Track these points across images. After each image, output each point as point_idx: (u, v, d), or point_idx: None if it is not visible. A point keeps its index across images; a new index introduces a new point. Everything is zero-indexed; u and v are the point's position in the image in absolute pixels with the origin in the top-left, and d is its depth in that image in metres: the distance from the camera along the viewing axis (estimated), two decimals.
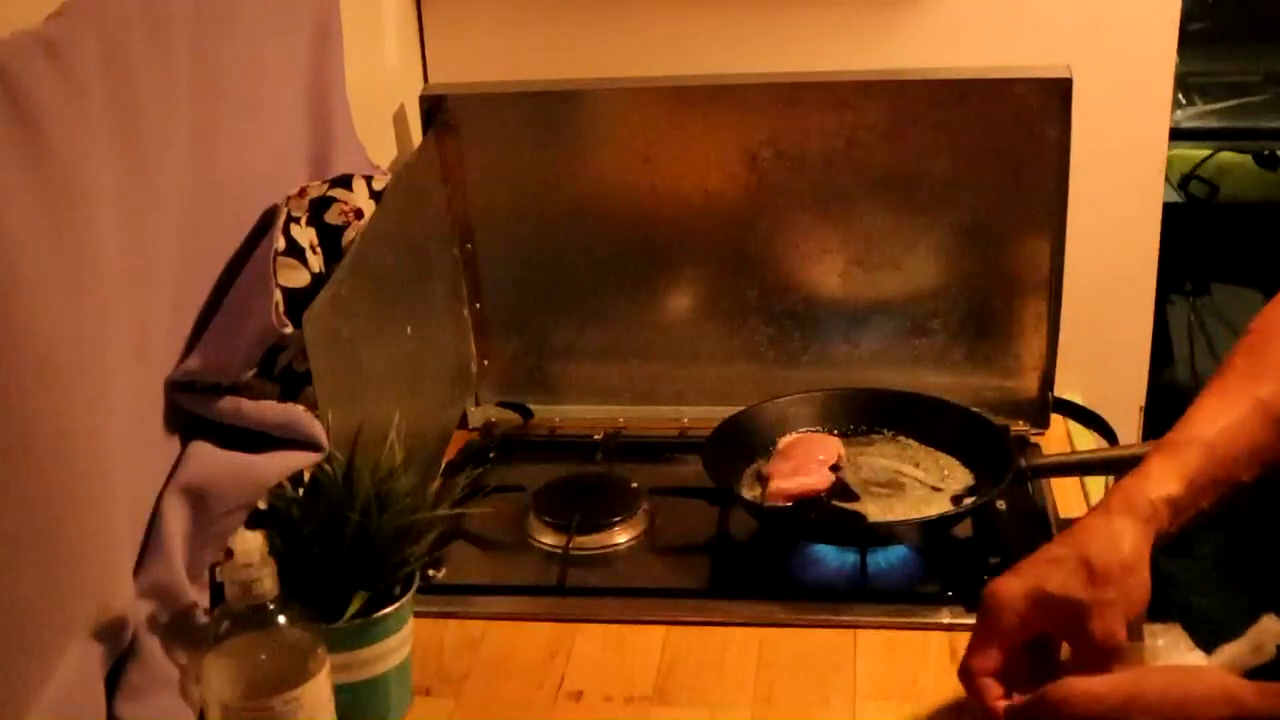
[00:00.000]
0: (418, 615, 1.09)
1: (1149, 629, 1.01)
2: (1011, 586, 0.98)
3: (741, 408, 1.41)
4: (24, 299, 0.80)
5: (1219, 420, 1.02)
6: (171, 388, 1.02)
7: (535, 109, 1.47)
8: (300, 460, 1.05)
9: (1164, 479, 1.00)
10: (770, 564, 1.28)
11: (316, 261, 1.14)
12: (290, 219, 1.14)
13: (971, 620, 1.15)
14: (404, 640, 1.07)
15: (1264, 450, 1.02)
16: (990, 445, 1.32)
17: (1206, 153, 2.33)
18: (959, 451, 1.35)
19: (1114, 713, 0.89)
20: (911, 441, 1.38)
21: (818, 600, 1.21)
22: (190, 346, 1.04)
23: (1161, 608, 1.04)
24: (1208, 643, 0.99)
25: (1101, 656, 0.95)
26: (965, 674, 0.99)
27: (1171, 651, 0.99)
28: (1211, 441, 1.01)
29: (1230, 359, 1.07)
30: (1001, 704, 0.96)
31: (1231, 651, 0.97)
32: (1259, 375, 1.04)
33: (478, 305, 1.55)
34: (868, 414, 1.41)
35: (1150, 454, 1.02)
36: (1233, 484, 1.02)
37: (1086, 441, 1.45)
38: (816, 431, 1.40)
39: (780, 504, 1.29)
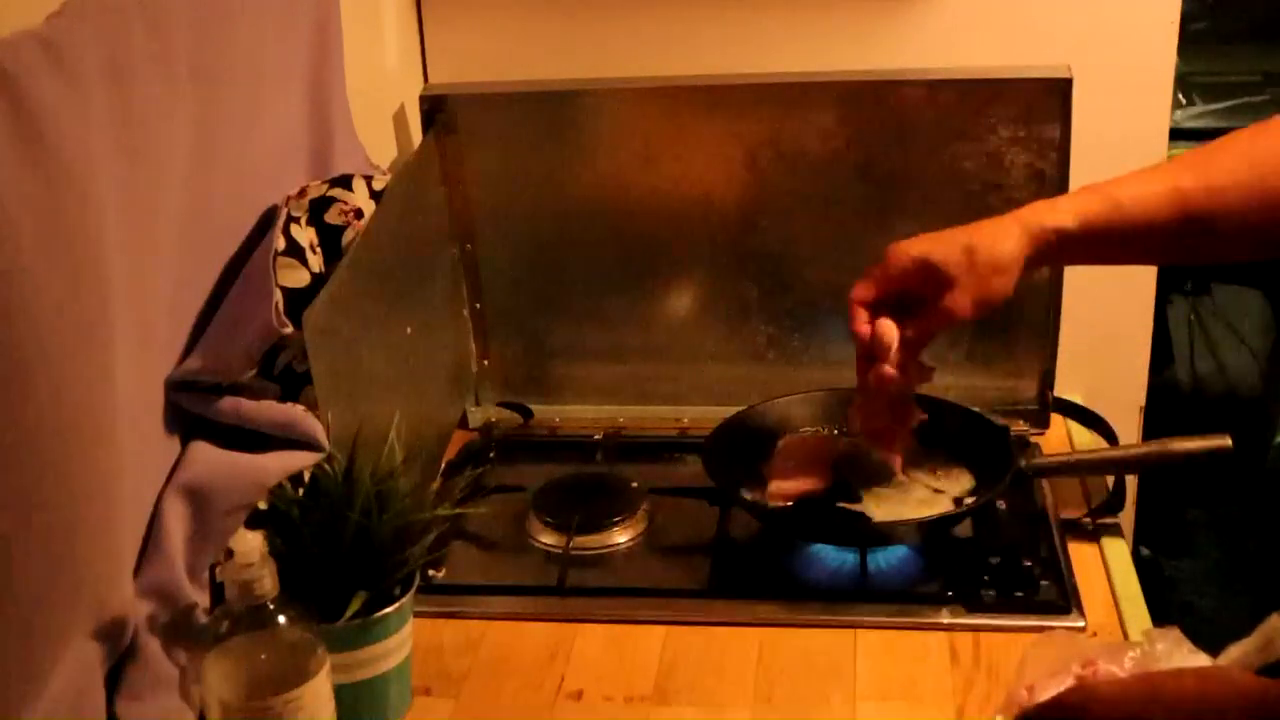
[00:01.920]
0: (418, 615, 1.09)
1: (1148, 633, 1.01)
2: (907, 247, 1.16)
3: (741, 408, 1.41)
4: (24, 298, 0.80)
5: (1139, 188, 1.13)
6: (171, 388, 1.02)
7: (535, 109, 1.47)
8: (300, 460, 1.05)
9: (1065, 213, 1.13)
10: (770, 564, 1.28)
11: (316, 261, 1.14)
12: (290, 219, 1.14)
13: (972, 620, 1.17)
14: (404, 640, 1.07)
15: (1161, 231, 1.12)
16: (990, 445, 1.32)
17: None
18: (959, 452, 1.35)
19: (1134, 714, 0.89)
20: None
21: (818, 600, 1.22)
22: (190, 346, 1.04)
23: (1162, 608, 1.04)
24: (1209, 643, 1.00)
25: (936, 322, 1.15)
26: (850, 299, 1.17)
27: (1173, 654, 0.99)
28: (1121, 201, 1.12)
29: (1192, 150, 1.17)
30: (866, 328, 1.16)
31: (1239, 651, 0.97)
32: (1193, 167, 1.13)
33: (478, 305, 1.55)
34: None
35: (1071, 192, 1.15)
36: (1125, 248, 1.15)
37: (1086, 441, 1.45)
38: (816, 431, 1.40)
39: (780, 504, 1.29)
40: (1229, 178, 1.12)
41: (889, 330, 1.16)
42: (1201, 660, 0.98)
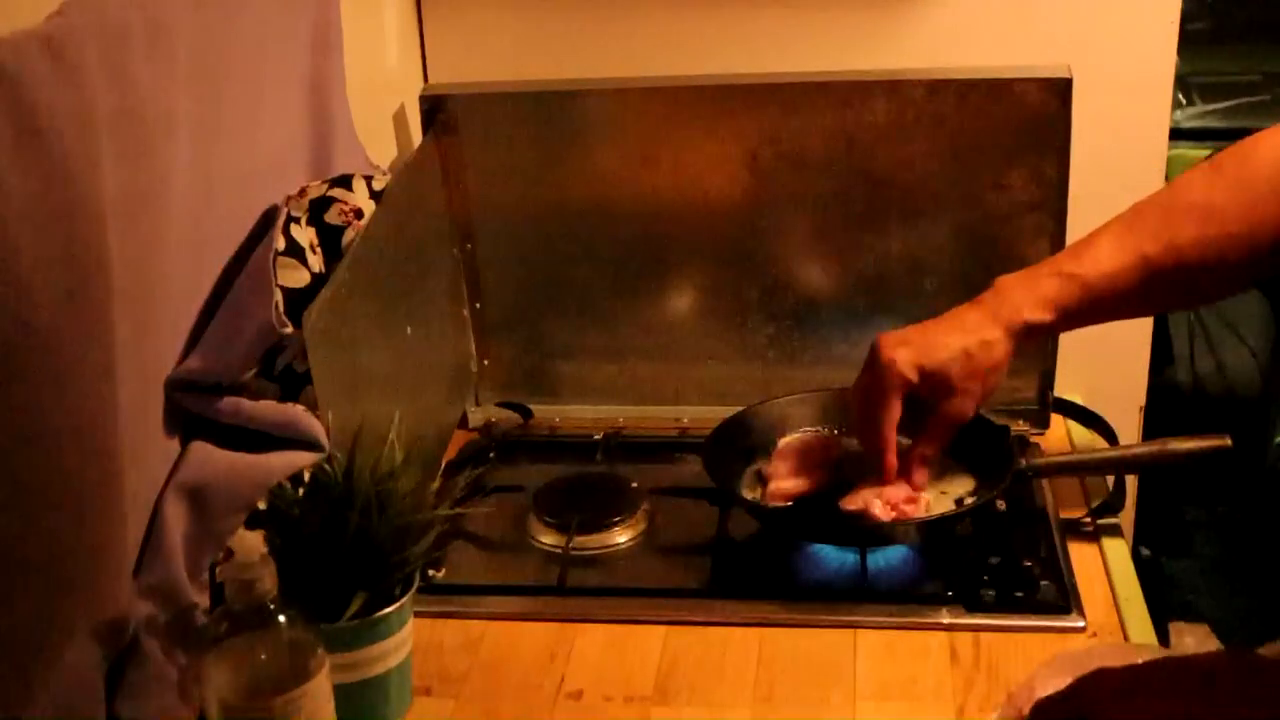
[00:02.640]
0: (418, 615, 1.09)
1: (1176, 627, 1.01)
2: (905, 360, 1.20)
3: (741, 408, 1.40)
4: (24, 298, 0.80)
5: (1105, 264, 1.17)
6: (171, 388, 1.02)
7: (535, 109, 1.47)
8: (300, 460, 1.05)
9: (1042, 308, 1.18)
10: (770, 564, 1.28)
11: (316, 261, 1.14)
12: (290, 219, 1.14)
13: (972, 620, 1.16)
14: (404, 640, 1.07)
15: (1132, 299, 1.18)
16: (990, 445, 1.32)
17: (1206, 153, 2.32)
18: (959, 452, 1.34)
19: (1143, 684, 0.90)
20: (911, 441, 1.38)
21: (818, 600, 1.22)
22: (190, 346, 1.04)
23: (1162, 608, 1.04)
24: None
25: (949, 432, 1.22)
26: (875, 425, 1.22)
27: (1202, 650, 0.99)
28: (1092, 283, 1.17)
29: (1142, 205, 1.20)
30: (895, 462, 1.23)
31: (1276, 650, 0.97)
32: (1154, 233, 1.17)
33: (478, 305, 1.55)
34: None
35: (1043, 274, 1.19)
36: (1099, 318, 1.21)
37: (1086, 441, 1.45)
38: (816, 431, 1.40)
39: (780, 504, 1.29)
40: (1192, 235, 1.15)
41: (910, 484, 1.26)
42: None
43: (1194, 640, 0.99)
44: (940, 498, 1.29)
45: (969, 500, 1.28)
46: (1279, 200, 1.14)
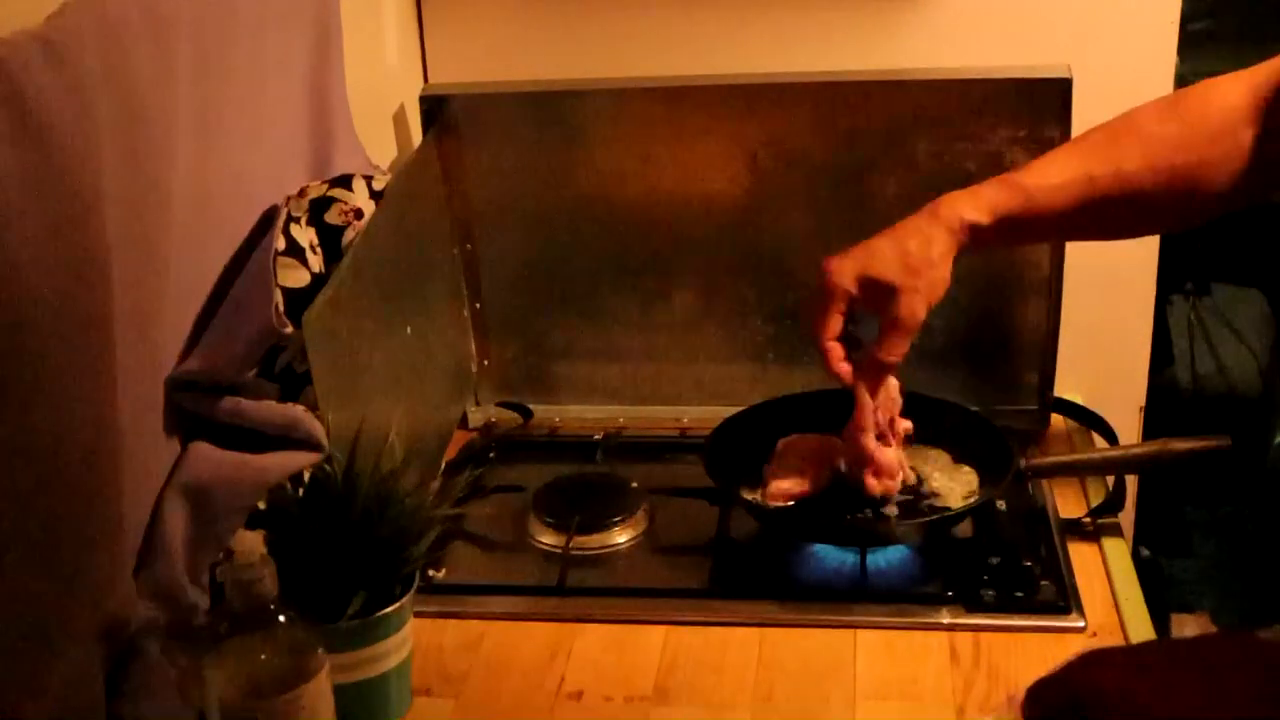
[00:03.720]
0: (418, 615, 1.09)
1: (1177, 619, 1.01)
2: (844, 268, 1.20)
3: (741, 408, 1.40)
4: (24, 298, 0.80)
5: (1050, 177, 1.18)
6: (171, 388, 1.02)
7: (535, 109, 1.47)
8: (300, 460, 1.05)
9: (980, 209, 1.18)
10: (770, 564, 1.28)
11: (316, 261, 1.14)
12: (290, 219, 1.14)
13: (972, 620, 1.16)
14: (404, 640, 1.07)
15: (1072, 217, 1.19)
16: (990, 445, 1.32)
17: None
18: (959, 452, 1.35)
19: (1145, 667, 0.89)
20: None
21: (818, 600, 1.22)
22: (190, 346, 1.04)
23: (1162, 608, 1.05)
24: None
25: (902, 333, 1.19)
26: (817, 339, 1.21)
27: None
28: (1033, 193, 1.18)
29: (1096, 129, 1.21)
30: (847, 367, 1.21)
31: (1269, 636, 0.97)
32: (1102, 155, 1.18)
33: (478, 305, 1.55)
34: None
35: (987, 183, 1.20)
36: (1037, 233, 1.25)
37: (1086, 441, 1.45)
38: (816, 432, 1.40)
39: (780, 504, 1.29)
40: (1138, 162, 1.17)
41: (866, 396, 1.23)
42: None
43: (1195, 629, 0.99)
44: (951, 489, 1.29)
45: (969, 500, 1.28)
46: (1228, 140, 1.16)
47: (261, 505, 1.03)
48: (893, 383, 1.24)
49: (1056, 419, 1.49)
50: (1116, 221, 1.23)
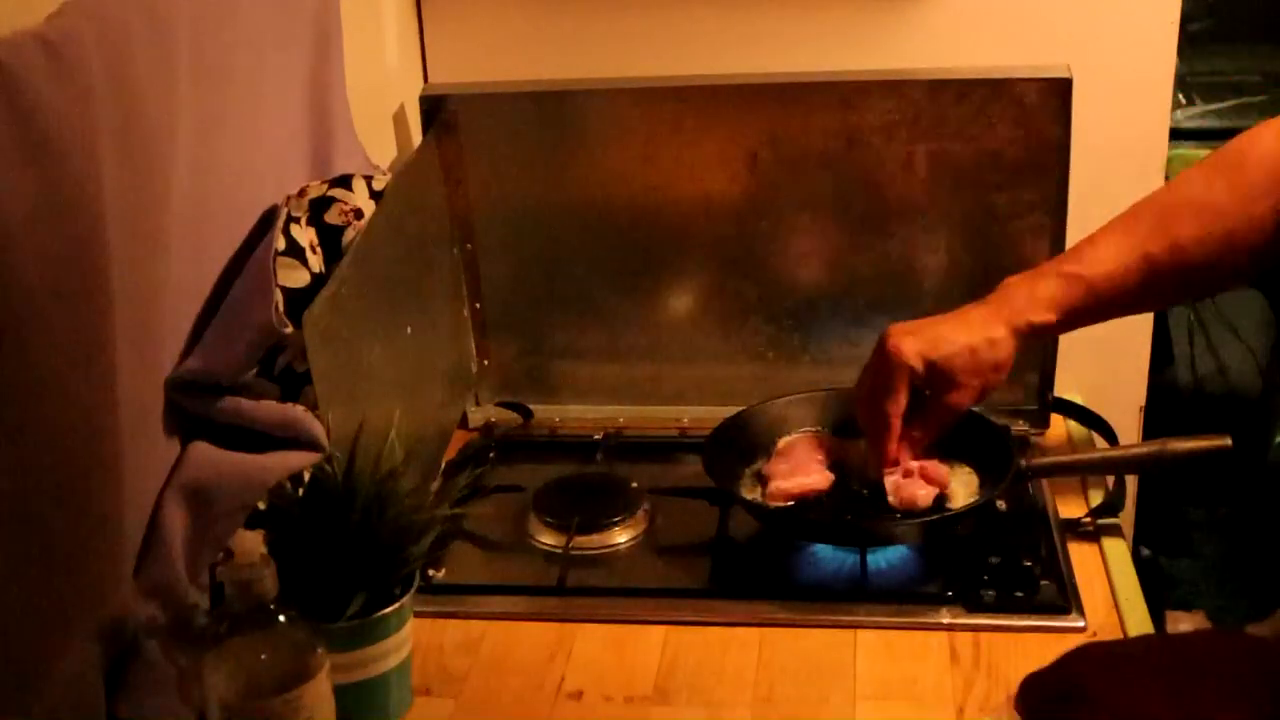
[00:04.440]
0: (418, 615, 1.09)
1: (1172, 616, 1.01)
2: (913, 349, 1.21)
3: (741, 408, 1.40)
4: (25, 298, 0.80)
5: (1108, 264, 1.19)
6: (171, 388, 1.02)
7: (535, 109, 1.47)
8: (300, 460, 1.05)
9: (1046, 309, 1.20)
10: (770, 564, 1.28)
11: (316, 261, 1.14)
12: (290, 219, 1.14)
13: (972, 620, 1.16)
14: (404, 640, 1.07)
15: (1134, 297, 1.20)
16: (990, 445, 1.32)
17: (1206, 153, 2.33)
18: (959, 452, 1.34)
19: (1135, 662, 0.90)
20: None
21: (818, 600, 1.22)
22: (190, 346, 1.04)
23: (1162, 608, 1.05)
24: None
25: (949, 421, 1.24)
26: (881, 412, 1.23)
27: None
28: (1095, 283, 1.19)
29: (1142, 204, 1.22)
30: (895, 450, 1.24)
31: (1257, 631, 0.97)
32: (1156, 231, 1.18)
33: (478, 305, 1.55)
34: None
35: (1047, 275, 1.21)
36: (1102, 317, 1.23)
37: (1086, 441, 1.45)
38: (816, 431, 1.40)
39: (780, 504, 1.29)
40: (1194, 232, 1.17)
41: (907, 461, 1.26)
42: None
43: (1189, 627, 0.99)
44: (951, 489, 1.29)
45: (969, 500, 1.28)
46: (1275, 194, 1.15)
47: (261, 505, 1.03)
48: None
49: (1056, 419, 1.49)
50: (1174, 293, 1.26)
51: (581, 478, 1.43)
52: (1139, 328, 1.59)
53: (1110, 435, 1.41)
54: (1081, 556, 1.25)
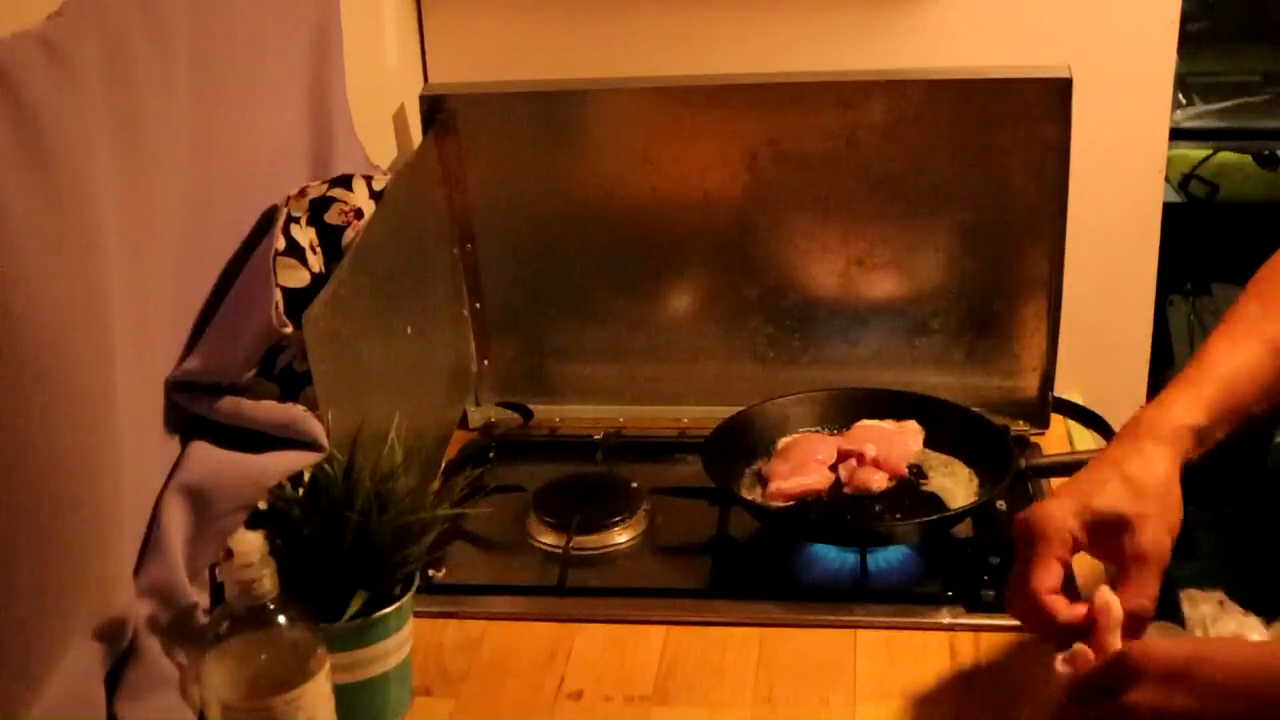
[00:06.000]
0: (418, 615, 1.09)
1: (1189, 596, 0.99)
2: (1061, 507, 0.99)
3: (741, 408, 1.41)
4: (24, 299, 0.80)
5: (1234, 358, 1.05)
6: (171, 388, 1.02)
7: (535, 109, 1.47)
8: (300, 460, 1.05)
9: (1187, 409, 1.03)
10: (770, 564, 1.28)
11: (316, 261, 1.14)
12: (290, 219, 1.14)
13: (972, 620, 1.16)
14: (404, 640, 1.07)
15: (1274, 386, 1.06)
16: (990, 445, 1.32)
17: (1206, 153, 2.33)
18: (959, 452, 1.35)
19: (1181, 674, 0.86)
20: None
21: (818, 600, 1.22)
22: (190, 346, 1.04)
23: (1162, 608, 1.04)
24: None
25: (1151, 569, 0.97)
26: (1028, 596, 0.97)
27: (1228, 620, 0.97)
28: (1227, 376, 1.04)
29: (1238, 305, 1.10)
30: (1078, 613, 0.96)
31: None
32: (1268, 317, 1.07)
33: (478, 305, 1.55)
34: (868, 414, 1.40)
35: (1169, 388, 1.05)
36: (1245, 418, 1.05)
37: (1086, 441, 1.45)
38: (816, 431, 1.40)
39: (780, 504, 1.29)
40: None
41: (1115, 603, 0.96)
42: (1252, 621, 0.96)
43: (1209, 608, 0.97)
44: (951, 489, 1.29)
45: (969, 500, 1.28)
46: None
47: (262, 505, 1.03)
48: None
49: (1056, 419, 1.49)
50: None
51: (581, 478, 1.43)
52: (1139, 328, 1.59)
53: (1110, 435, 1.41)
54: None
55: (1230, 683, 0.85)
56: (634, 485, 1.39)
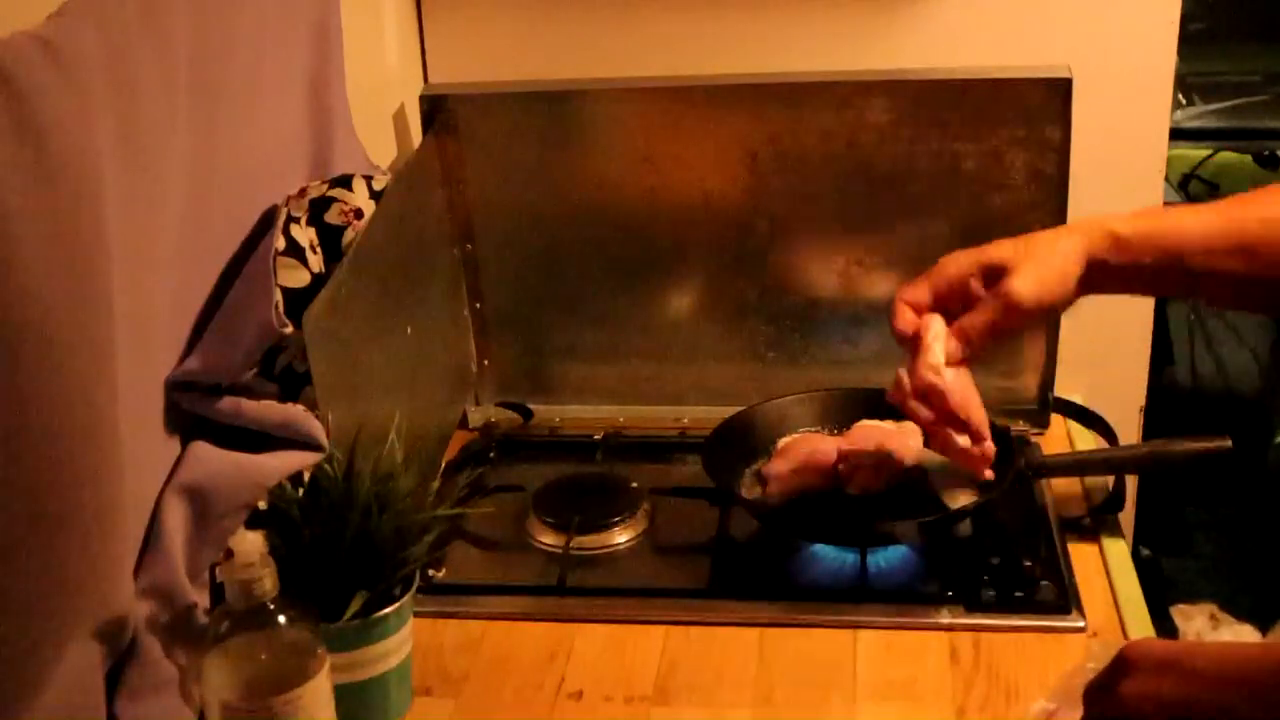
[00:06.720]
0: (418, 615, 1.09)
1: (1181, 611, 1.00)
2: (965, 253, 1.13)
3: (741, 408, 1.41)
4: (24, 299, 0.80)
5: (1187, 212, 1.10)
6: (171, 388, 1.02)
7: (535, 109, 1.47)
8: (300, 460, 1.05)
9: (1118, 219, 1.10)
10: (770, 564, 1.28)
11: (316, 261, 1.14)
12: (290, 219, 1.14)
13: (972, 620, 1.17)
14: (404, 640, 1.07)
15: (1217, 248, 1.08)
16: None
17: (1206, 153, 2.33)
18: None
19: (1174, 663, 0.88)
20: None
21: (818, 600, 1.22)
22: (190, 346, 1.04)
23: (1162, 608, 1.04)
24: None
25: (990, 311, 1.09)
26: (894, 300, 1.14)
27: (1223, 632, 0.97)
28: (1172, 216, 1.11)
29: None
30: (908, 324, 1.12)
31: None
32: (1240, 203, 1.10)
33: (478, 305, 1.55)
34: (868, 414, 1.40)
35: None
36: (1178, 262, 1.08)
37: (1086, 441, 1.45)
38: (816, 431, 1.40)
39: (780, 504, 1.29)
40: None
41: (935, 321, 1.12)
42: (1247, 630, 0.97)
43: (1202, 619, 0.98)
44: (951, 489, 1.29)
45: (969, 500, 1.28)
46: None
47: (262, 505, 1.03)
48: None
49: (1056, 419, 1.49)
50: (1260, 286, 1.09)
51: (581, 478, 1.43)
52: (1139, 328, 1.59)
53: (1110, 435, 1.41)
54: (1081, 556, 1.25)
55: (1219, 670, 0.86)
56: (634, 485, 1.39)
